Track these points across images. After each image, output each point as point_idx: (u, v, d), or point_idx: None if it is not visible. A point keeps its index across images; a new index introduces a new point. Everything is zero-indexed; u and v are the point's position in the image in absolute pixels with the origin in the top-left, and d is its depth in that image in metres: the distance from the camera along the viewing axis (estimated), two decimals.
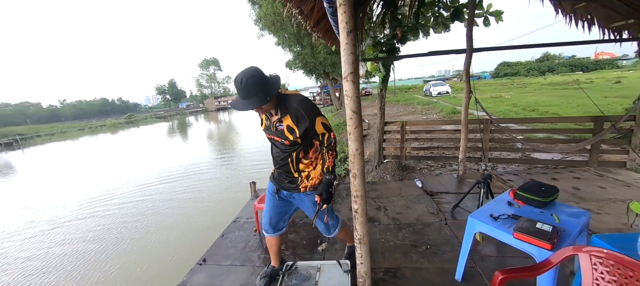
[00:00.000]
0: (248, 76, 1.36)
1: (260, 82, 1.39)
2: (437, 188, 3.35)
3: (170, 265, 3.67)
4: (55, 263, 4.12)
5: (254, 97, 1.40)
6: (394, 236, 2.40)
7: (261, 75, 1.41)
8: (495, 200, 1.92)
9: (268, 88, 1.42)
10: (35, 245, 4.83)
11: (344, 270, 1.72)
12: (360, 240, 1.23)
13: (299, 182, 1.64)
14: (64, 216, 6.05)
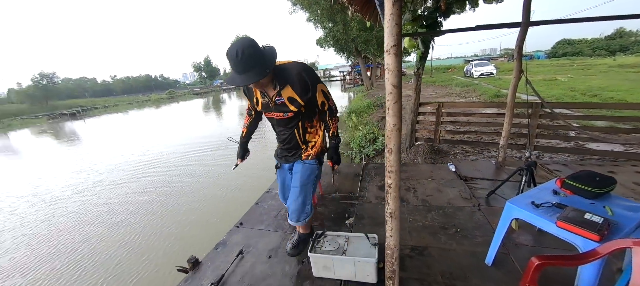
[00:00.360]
0: (245, 46, 1.24)
1: (258, 53, 1.28)
2: (472, 173, 3.20)
3: (214, 226, 4.08)
4: (120, 209, 4.84)
5: (252, 70, 1.28)
6: (422, 217, 2.40)
7: (257, 45, 1.29)
8: (539, 188, 1.81)
9: (266, 59, 1.31)
10: (102, 199, 5.65)
11: (371, 242, 1.78)
12: (392, 214, 1.26)
13: (303, 151, 1.66)
14: (123, 178, 6.93)
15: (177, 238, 3.93)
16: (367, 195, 2.88)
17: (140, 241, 3.95)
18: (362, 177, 3.33)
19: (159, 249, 3.71)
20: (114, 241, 3.94)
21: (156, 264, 3.36)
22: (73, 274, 3.30)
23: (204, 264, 2.08)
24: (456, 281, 1.67)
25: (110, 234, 4.16)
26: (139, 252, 3.66)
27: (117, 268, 3.36)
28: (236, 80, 1.30)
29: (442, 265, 1.81)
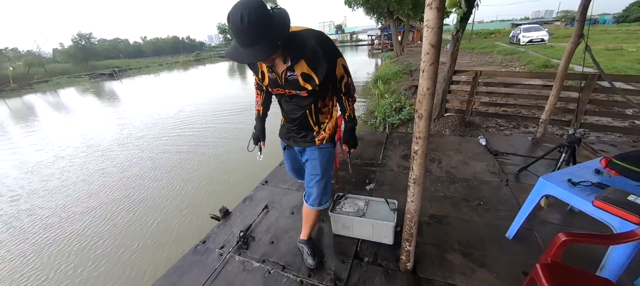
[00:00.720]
0: (251, 10, 0.92)
1: (268, 20, 0.97)
2: (503, 148, 3.03)
3: (241, 183, 4.39)
4: (159, 158, 5.37)
5: (260, 42, 0.97)
6: (444, 188, 2.37)
7: (266, 9, 0.97)
8: (579, 166, 1.68)
9: (277, 28, 1.01)
10: (146, 153, 6.24)
11: (391, 208, 1.82)
12: (415, 180, 1.27)
13: (315, 134, 1.42)
14: (162, 134, 7.52)
15: (209, 191, 4.31)
16: (389, 163, 2.87)
17: (180, 190, 4.40)
18: (385, 145, 3.30)
19: (195, 199, 4.12)
20: (160, 191, 4.42)
21: (194, 212, 3.77)
22: (129, 216, 3.82)
23: (233, 214, 2.29)
24: (473, 249, 1.69)
25: (155, 185, 4.65)
26: (180, 201, 4.10)
27: (163, 213, 3.82)
28: (240, 55, 1.01)
29: (460, 233, 1.83)
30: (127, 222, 3.70)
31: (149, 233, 3.43)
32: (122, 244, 3.27)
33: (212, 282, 1.67)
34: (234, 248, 1.90)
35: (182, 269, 1.79)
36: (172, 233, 3.41)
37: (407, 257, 1.52)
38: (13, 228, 3.78)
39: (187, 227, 3.48)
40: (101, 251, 3.18)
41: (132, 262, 3.00)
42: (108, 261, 3.03)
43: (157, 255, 3.05)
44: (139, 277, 2.80)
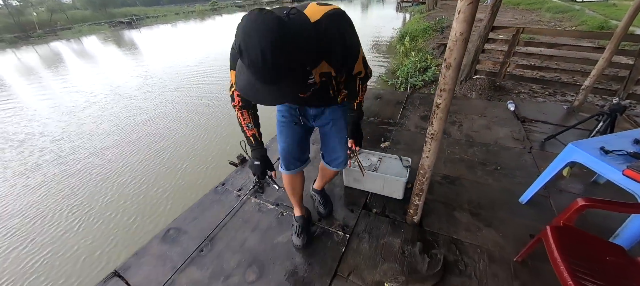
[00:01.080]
0: (274, 44, 0.65)
1: (296, 48, 0.71)
2: (533, 115, 2.83)
3: None
4: (183, 107, 5.63)
5: (288, 75, 0.72)
6: (462, 151, 2.31)
7: (289, 32, 0.68)
8: (617, 135, 1.55)
9: (303, 49, 0.74)
10: (170, 102, 6.49)
11: (404, 164, 1.82)
12: (433, 135, 1.23)
13: (335, 96, 1.18)
14: (183, 84, 7.70)
15: (228, 139, 4.51)
16: (407, 123, 2.80)
17: (201, 138, 4.63)
18: (405, 105, 3.18)
19: (216, 147, 4.35)
20: (184, 139, 4.68)
21: (214, 158, 4.01)
22: (160, 160, 4.13)
23: None
24: (482, 210, 1.70)
25: (180, 133, 4.91)
26: (202, 148, 4.35)
27: (189, 158, 4.10)
28: (260, 95, 0.76)
29: (472, 195, 1.82)
30: (158, 165, 4.02)
31: (179, 175, 3.75)
32: (155, 184, 3.61)
33: (231, 218, 1.84)
34: (250, 191, 2.03)
35: (204, 205, 1.96)
36: (196, 175, 3.69)
37: (414, 211, 1.56)
38: (61, 164, 4.23)
39: (208, 171, 3.75)
40: (137, 189, 3.54)
41: (164, 198, 3.34)
42: (144, 197, 3.39)
43: (183, 193, 3.36)
44: (168, 211, 3.13)
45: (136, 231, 2.95)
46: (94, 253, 2.75)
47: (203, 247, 1.67)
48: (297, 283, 1.42)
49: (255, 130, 1.18)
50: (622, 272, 1.03)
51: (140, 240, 2.68)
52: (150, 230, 2.88)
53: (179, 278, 1.51)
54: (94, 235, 2.94)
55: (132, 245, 2.69)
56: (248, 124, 1.16)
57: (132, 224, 3.06)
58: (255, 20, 0.67)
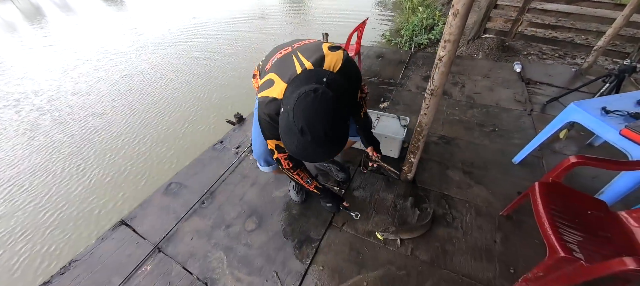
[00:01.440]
0: (333, 124, 0.81)
1: (346, 114, 0.88)
2: (539, 77, 2.74)
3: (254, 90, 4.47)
4: (178, 65, 5.48)
5: (341, 140, 0.86)
6: (461, 112, 2.28)
7: (340, 106, 0.83)
8: (621, 95, 1.52)
9: (348, 110, 0.91)
10: (165, 59, 6.26)
11: (402, 124, 1.82)
12: (434, 91, 1.20)
13: None
14: (177, 40, 7.36)
15: (225, 98, 4.44)
16: (408, 83, 2.73)
17: (198, 97, 4.55)
18: (407, 64, 3.07)
19: (213, 105, 4.29)
20: (181, 97, 4.60)
21: (211, 117, 3.98)
22: (159, 119, 4.10)
23: (247, 120, 2.39)
24: (474, 169, 1.74)
25: (180, 92, 4.81)
26: (199, 106, 4.29)
27: (191, 118, 4.05)
28: (318, 156, 0.88)
29: (466, 155, 1.85)
30: (158, 124, 4.00)
31: (180, 134, 3.76)
32: (159, 143, 3.63)
33: (230, 174, 1.89)
34: (248, 149, 2.06)
35: (203, 162, 2.00)
36: (194, 133, 3.71)
37: (409, 168, 1.59)
38: (60, 123, 4.22)
39: (206, 129, 3.75)
40: (138, 149, 3.57)
41: (162, 155, 3.39)
42: (146, 155, 3.44)
43: (184, 151, 3.40)
44: (168, 168, 3.21)
45: (144, 187, 3.05)
46: (106, 206, 2.86)
47: (204, 200, 1.74)
48: (294, 232, 1.51)
49: (315, 182, 1.32)
50: (601, 225, 1.08)
51: (146, 194, 2.78)
52: (155, 184, 2.98)
53: (182, 226, 1.61)
54: (105, 190, 3.05)
55: (139, 199, 2.80)
56: (307, 181, 1.29)
57: (140, 180, 3.16)
58: (313, 105, 0.80)
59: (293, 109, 0.81)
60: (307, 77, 0.88)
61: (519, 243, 1.36)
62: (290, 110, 0.82)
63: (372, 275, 1.29)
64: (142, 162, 3.36)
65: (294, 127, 0.81)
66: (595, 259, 0.91)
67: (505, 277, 1.24)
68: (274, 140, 1.07)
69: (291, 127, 0.83)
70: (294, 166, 1.21)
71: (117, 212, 2.80)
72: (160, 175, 3.10)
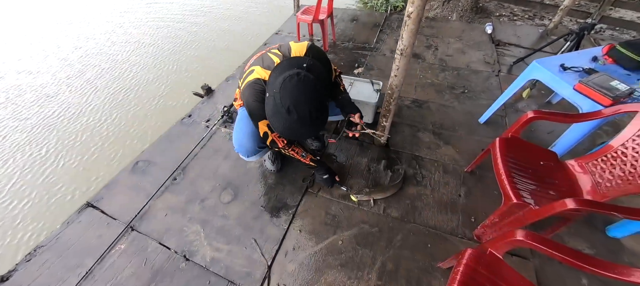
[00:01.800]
0: (317, 105, 0.95)
1: (326, 96, 1.05)
2: (508, 38, 2.80)
3: (224, 60, 4.20)
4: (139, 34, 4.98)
5: (324, 119, 1.01)
6: (434, 75, 2.31)
7: (321, 87, 0.99)
8: (579, 52, 1.59)
9: (328, 91, 1.15)
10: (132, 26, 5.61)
11: (375, 88, 1.81)
12: (403, 51, 1.17)
13: None
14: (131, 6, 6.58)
15: (190, 70, 4.12)
16: (383, 47, 2.68)
17: (171, 69, 4.18)
18: (382, 28, 3.00)
19: (180, 76, 3.98)
20: (151, 70, 4.19)
21: (179, 92, 3.71)
22: (123, 93, 3.75)
23: (216, 92, 2.27)
24: (443, 130, 1.80)
25: (144, 66, 4.38)
26: (164, 78, 3.97)
27: (161, 94, 3.72)
28: (301, 132, 0.99)
29: (436, 117, 1.91)
30: (124, 102, 3.67)
31: (150, 111, 3.48)
32: (129, 122, 3.36)
33: (202, 148, 1.82)
34: (219, 122, 1.97)
35: (171, 137, 1.90)
36: (165, 108, 3.47)
37: (381, 132, 1.61)
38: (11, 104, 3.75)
39: (169, 103, 3.49)
40: (105, 129, 3.30)
41: (132, 134, 3.18)
42: (116, 135, 3.19)
43: (151, 126, 3.19)
44: (141, 148, 3.02)
45: (118, 168, 2.87)
46: (78, 191, 2.69)
47: (176, 176, 1.68)
48: (271, 201, 1.52)
49: (310, 155, 1.41)
50: (550, 173, 1.18)
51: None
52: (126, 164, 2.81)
53: (155, 203, 1.56)
54: (75, 174, 2.84)
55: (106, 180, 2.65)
56: (302, 154, 1.38)
57: (112, 162, 2.96)
58: (298, 87, 0.91)
59: (279, 92, 0.91)
60: (288, 64, 0.98)
61: (480, 195, 1.47)
62: (276, 93, 0.92)
63: (346, 234, 1.35)
64: (112, 142, 3.14)
65: (281, 109, 0.91)
66: (543, 203, 1.01)
67: (466, 225, 1.35)
68: (266, 121, 1.12)
69: (278, 109, 0.92)
70: (288, 143, 1.31)
71: (91, 195, 2.66)
72: (133, 154, 2.92)
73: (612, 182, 1.05)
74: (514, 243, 0.81)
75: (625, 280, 0.65)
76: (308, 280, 1.23)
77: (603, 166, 1.10)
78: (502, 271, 0.84)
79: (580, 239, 1.29)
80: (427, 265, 1.23)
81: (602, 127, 1.78)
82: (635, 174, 0.99)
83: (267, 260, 1.30)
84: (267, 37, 2.98)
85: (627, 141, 1.05)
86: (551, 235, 1.21)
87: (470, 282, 0.79)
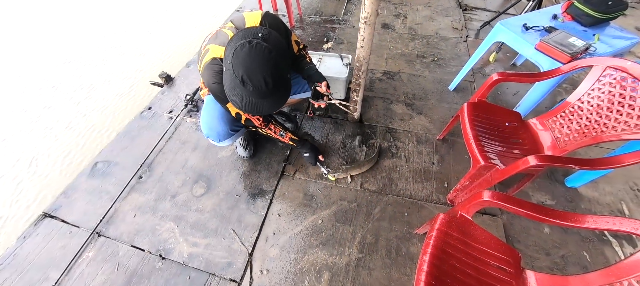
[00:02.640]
0: (272, 71, 0.87)
1: (284, 65, 0.94)
2: (475, 2, 2.81)
3: (181, 45, 3.89)
4: None
5: (282, 87, 0.94)
6: (404, 45, 2.28)
7: (277, 56, 0.90)
8: (540, 11, 1.61)
9: (288, 62, 1.02)
10: None
11: (344, 62, 1.75)
12: (366, 19, 1.12)
13: None
14: None
15: (142, 57, 3.77)
16: (351, 19, 2.59)
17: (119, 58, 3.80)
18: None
19: (132, 66, 3.61)
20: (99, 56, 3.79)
21: (133, 81, 3.38)
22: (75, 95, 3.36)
23: (177, 79, 2.10)
24: (415, 100, 1.81)
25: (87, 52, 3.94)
26: (117, 68, 3.61)
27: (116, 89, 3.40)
28: (263, 107, 0.93)
29: (408, 87, 1.90)
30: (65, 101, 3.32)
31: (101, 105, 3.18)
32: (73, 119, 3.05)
33: (167, 142, 1.70)
34: (183, 112, 1.84)
35: (131, 133, 1.75)
36: (117, 102, 3.19)
37: (354, 107, 1.58)
38: None
39: (126, 96, 3.20)
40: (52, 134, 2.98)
41: (82, 135, 2.91)
42: (66, 135, 2.91)
43: (105, 122, 2.94)
44: (93, 145, 2.79)
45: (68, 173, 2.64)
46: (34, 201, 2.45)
47: (141, 174, 1.57)
48: (246, 188, 1.47)
49: (289, 134, 1.36)
50: (514, 133, 1.23)
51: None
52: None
53: (121, 206, 1.45)
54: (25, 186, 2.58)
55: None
56: (280, 133, 1.34)
57: (68, 167, 2.71)
58: (250, 54, 0.85)
59: (231, 62, 0.87)
60: (242, 35, 0.91)
61: (452, 160, 1.51)
62: (229, 65, 0.88)
63: (325, 213, 1.35)
64: (63, 146, 2.86)
65: (236, 79, 0.86)
66: (509, 163, 1.04)
67: (440, 191, 1.39)
68: (230, 104, 1.10)
69: (234, 81, 0.88)
70: (265, 120, 1.26)
71: (48, 205, 2.44)
72: (90, 156, 2.69)
73: (569, 137, 1.11)
74: (481, 204, 0.83)
75: (579, 226, 0.69)
76: (290, 262, 1.22)
77: (561, 122, 1.16)
78: (472, 232, 0.87)
79: (543, 192, 1.38)
80: (405, 233, 1.27)
81: (562, 85, 1.87)
82: (590, 127, 1.05)
83: (247, 248, 1.28)
84: (226, 17, 2.77)
85: (583, 96, 1.10)
86: (518, 191, 1.28)
87: (443, 245, 0.82)
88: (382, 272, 1.17)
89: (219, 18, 3.81)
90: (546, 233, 1.25)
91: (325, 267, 1.20)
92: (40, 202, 2.39)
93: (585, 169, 0.90)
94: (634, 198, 1.35)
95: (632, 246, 1.21)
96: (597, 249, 1.20)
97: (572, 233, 1.24)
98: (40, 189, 2.55)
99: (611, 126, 0.99)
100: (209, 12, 4.63)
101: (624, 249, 1.20)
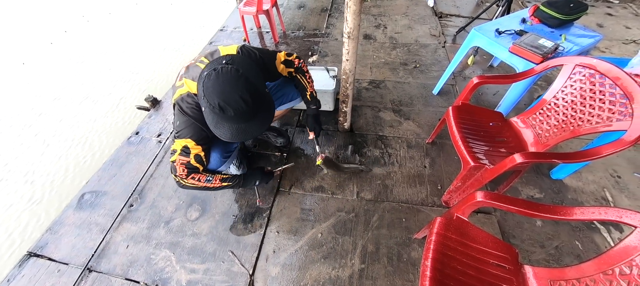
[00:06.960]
0: (247, 89, 0.85)
1: (259, 83, 0.92)
2: (449, 9, 2.96)
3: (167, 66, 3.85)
4: None
5: (263, 109, 0.93)
6: (386, 54, 2.36)
7: (251, 74, 0.89)
8: (510, 16, 1.72)
9: (260, 78, 0.97)
10: None
11: (330, 75, 1.79)
12: (350, 34, 1.16)
13: None
14: None
15: (129, 81, 3.72)
16: (334, 31, 2.66)
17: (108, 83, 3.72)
18: (330, 12, 2.97)
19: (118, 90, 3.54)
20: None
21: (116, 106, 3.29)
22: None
23: (164, 102, 2.07)
24: (402, 106, 1.87)
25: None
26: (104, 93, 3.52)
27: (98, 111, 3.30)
28: (247, 132, 0.92)
29: (394, 95, 1.96)
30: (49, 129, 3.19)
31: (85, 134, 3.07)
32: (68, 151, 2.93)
33: (157, 166, 1.66)
34: (172, 134, 1.81)
35: (119, 161, 1.71)
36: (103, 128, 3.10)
37: (344, 118, 1.61)
38: None
39: (110, 122, 3.12)
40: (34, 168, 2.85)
41: (69, 161, 2.80)
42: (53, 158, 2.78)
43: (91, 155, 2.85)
44: (79, 177, 2.68)
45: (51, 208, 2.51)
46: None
47: (132, 202, 1.52)
48: (242, 208, 1.45)
49: (219, 175, 1.15)
50: (499, 132, 1.29)
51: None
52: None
53: (112, 237, 1.40)
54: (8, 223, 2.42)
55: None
56: (208, 179, 1.11)
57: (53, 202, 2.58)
58: (218, 80, 0.83)
59: (204, 96, 0.84)
60: (208, 67, 0.89)
61: (443, 162, 1.55)
62: (203, 100, 0.85)
63: (324, 226, 1.35)
64: (44, 178, 2.73)
65: (214, 110, 0.83)
66: (496, 161, 1.09)
67: (435, 194, 1.43)
68: (184, 140, 1.00)
69: (212, 113, 0.86)
70: (189, 173, 1.05)
71: (32, 244, 2.30)
72: (76, 187, 2.57)
73: (549, 132, 1.17)
74: (475, 205, 0.86)
75: (569, 219, 0.73)
76: (293, 280, 1.21)
77: (541, 119, 1.22)
78: (469, 233, 0.89)
79: (531, 186, 1.44)
80: (405, 239, 1.28)
81: (537, 83, 1.98)
82: (567, 122, 1.12)
83: (248, 270, 1.25)
84: (211, 35, 2.79)
85: (557, 93, 1.17)
86: (508, 188, 1.33)
87: (443, 249, 0.83)
88: (386, 281, 1.17)
89: (207, 29, 3.76)
90: (539, 226, 1.29)
91: (328, 281, 1.19)
92: (25, 240, 2.26)
93: (568, 162, 0.95)
94: (615, 185, 1.43)
95: (619, 231, 1.27)
96: (588, 237, 1.26)
97: (563, 224, 1.29)
98: (23, 226, 2.41)
99: (586, 120, 1.05)
100: (194, 35, 4.62)
101: (611, 234, 1.26)
